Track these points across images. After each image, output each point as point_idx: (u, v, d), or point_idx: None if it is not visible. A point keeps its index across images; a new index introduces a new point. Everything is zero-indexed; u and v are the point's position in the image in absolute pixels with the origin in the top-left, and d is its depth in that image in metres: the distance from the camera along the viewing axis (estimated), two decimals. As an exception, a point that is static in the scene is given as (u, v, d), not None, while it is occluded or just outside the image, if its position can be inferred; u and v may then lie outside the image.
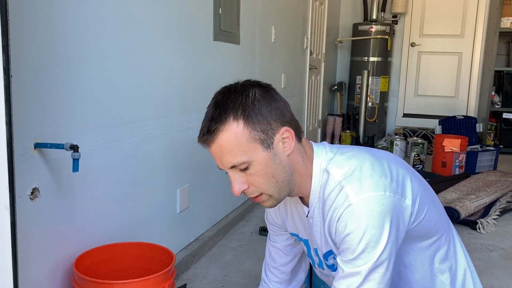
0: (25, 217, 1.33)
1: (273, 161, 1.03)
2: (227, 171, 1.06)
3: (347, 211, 0.99)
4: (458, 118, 4.91)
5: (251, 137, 1.00)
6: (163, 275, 1.45)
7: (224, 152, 1.02)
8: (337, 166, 1.06)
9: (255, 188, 1.06)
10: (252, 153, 1.01)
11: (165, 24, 2.02)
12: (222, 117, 1.01)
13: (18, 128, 1.21)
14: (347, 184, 1.01)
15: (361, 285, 1.00)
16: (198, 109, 2.37)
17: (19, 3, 1.25)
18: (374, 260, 0.99)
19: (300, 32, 4.23)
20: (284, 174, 1.05)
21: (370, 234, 0.98)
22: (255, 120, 1.01)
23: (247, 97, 1.02)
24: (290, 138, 1.05)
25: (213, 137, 1.02)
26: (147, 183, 1.98)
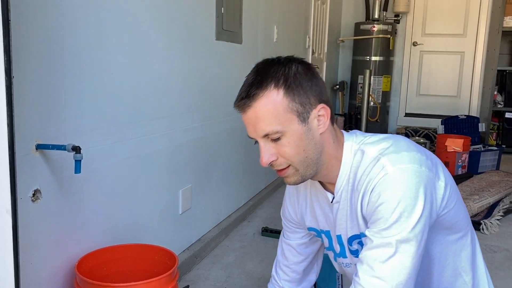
0: (27, 219, 1.31)
1: (306, 136, 1.03)
2: (257, 140, 1.05)
3: (382, 180, 0.98)
4: (461, 117, 4.89)
5: (289, 107, 1.00)
6: (166, 277, 1.44)
7: (260, 119, 1.01)
8: (372, 145, 1.06)
9: (284, 159, 1.04)
10: (287, 123, 1.01)
11: (167, 24, 2.01)
12: (263, 83, 1.00)
13: (19, 129, 1.19)
14: (383, 156, 1.01)
15: (392, 257, 0.96)
16: (200, 109, 2.36)
17: (21, 3, 1.24)
18: (408, 231, 0.96)
19: (302, 32, 4.22)
20: (314, 151, 1.04)
21: (405, 204, 0.96)
22: (295, 91, 1.00)
23: (290, 69, 1.02)
24: (326, 116, 1.04)
25: (251, 102, 1.01)
26: (149, 184, 1.97)
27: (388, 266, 0.97)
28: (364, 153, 1.05)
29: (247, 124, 1.05)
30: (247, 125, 1.05)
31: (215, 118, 2.53)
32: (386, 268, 0.97)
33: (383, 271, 0.97)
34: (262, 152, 1.04)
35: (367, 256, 0.99)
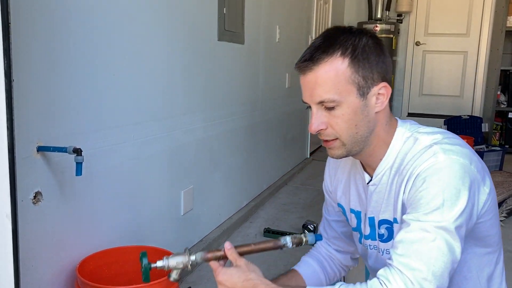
0: (28, 221, 1.31)
1: (362, 111, 1.00)
2: (311, 105, 1.02)
3: (430, 166, 0.95)
4: (464, 117, 4.87)
5: (350, 78, 0.98)
6: (167, 280, 1.43)
7: (319, 84, 0.98)
8: (427, 134, 1.03)
9: (333, 131, 1.01)
10: (345, 94, 0.98)
11: (169, 25, 2.00)
12: (330, 49, 0.98)
13: (20, 132, 1.19)
14: (436, 144, 0.98)
15: (431, 241, 0.92)
16: (202, 109, 2.35)
17: (21, 6, 1.24)
18: (450, 221, 0.92)
19: (304, 31, 4.21)
20: (366, 128, 1.02)
21: (450, 193, 0.93)
22: (361, 63, 0.98)
23: (360, 40, 0.99)
24: (385, 96, 1.02)
25: (313, 66, 0.98)
26: (151, 185, 1.96)
27: (426, 250, 0.92)
28: (417, 140, 1.02)
29: (304, 87, 1.02)
30: (304, 89, 1.02)
31: (217, 119, 2.52)
32: (425, 252, 0.92)
33: (421, 255, 0.92)
34: (312, 119, 1.01)
35: (404, 239, 0.95)
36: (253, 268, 1.02)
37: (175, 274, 1.04)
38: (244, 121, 2.94)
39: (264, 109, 3.31)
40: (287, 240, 1.07)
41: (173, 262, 1.02)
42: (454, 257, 0.94)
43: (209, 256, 1.04)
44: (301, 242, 1.07)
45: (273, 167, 3.63)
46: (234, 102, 2.78)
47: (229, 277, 1.00)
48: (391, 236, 1.09)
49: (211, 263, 1.04)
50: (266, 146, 3.43)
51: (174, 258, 1.03)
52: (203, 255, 1.03)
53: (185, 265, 1.03)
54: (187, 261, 1.02)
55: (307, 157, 4.69)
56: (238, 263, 1.02)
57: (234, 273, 1.00)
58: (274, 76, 3.50)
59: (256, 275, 1.01)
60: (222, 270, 1.01)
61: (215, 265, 1.03)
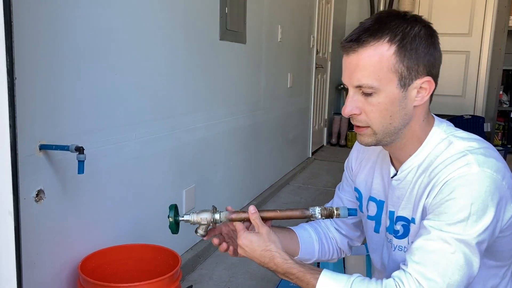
0: (30, 219, 1.32)
1: (399, 102, 0.97)
2: (348, 87, 0.99)
3: (462, 176, 0.92)
4: (466, 117, 4.87)
5: (394, 67, 0.94)
6: (169, 278, 1.44)
7: (360, 68, 0.95)
8: (462, 139, 1.00)
9: (366, 118, 0.98)
10: (385, 82, 0.95)
11: (171, 25, 2.01)
12: (378, 33, 0.94)
13: (23, 130, 1.20)
14: (471, 154, 0.95)
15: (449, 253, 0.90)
16: (204, 109, 2.36)
17: (23, 4, 1.24)
18: (472, 236, 0.90)
19: (306, 31, 4.21)
20: (401, 121, 0.99)
21: (477, 207, 0.90)
22: (407, 53, 0.94)
23: (412, 29, 0.95)
24: (427, 91, 0.99)
25: (358, 48, 0.94)
26: (153, 184, 1.97)
27: (444, 262, 0.91)
28: (451, 144, 0.99)
29: (345, 67, 0.98)
30: (345, 69, 0.99)
31: (218, 118, 2.52)
32: (441, 264, 0.91)
33: (437, 266, 0.91)
34: (347, 101, 0.99)
35: (422, 247, 0.93)
36: (274, 238, 1.02)
37: (201, 229, 1.07)
38: (245, 121, 2.94)
39: (266, 109, 3.31)
40: (315, 211, 1.05)
41: (197, 217, 1.06)
42: (471, 272, 0.92)
43: (233, 217, 1.06)
44: (331, 215, 1.05)
45: (275, 167, 3.63)
46: (236, 101, 2.78)
47: (249, 243, 1.01)
48: (406, 234, 1.07)
49: (236, 224, 1.05)
50: (268, 145, 3.43)
51: (199, 214, 1.06)
52: (227, 215, 1.06)
53: (209, 221, 1.06)
54: (210, 218, 1.05)
55: (309, 156, 4.69)
56: (260, 231, 1.02)
57: (255, 241, 1.01)
58: (276, 76, 3.51)
59: (275, 247, 1.01)
60: (243, 234, 1.02)
61: (240, 227, 1.04)
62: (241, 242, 1.02)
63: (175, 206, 1.07)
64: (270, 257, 1.00)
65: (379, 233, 1.17)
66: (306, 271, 0.98)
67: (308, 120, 4.61)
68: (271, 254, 1.00)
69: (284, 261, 1.00)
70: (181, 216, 1.06)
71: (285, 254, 1.01)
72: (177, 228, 1.06)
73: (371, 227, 1.19)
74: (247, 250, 1.02)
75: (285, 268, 0.99)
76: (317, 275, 0.97)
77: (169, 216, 1.05)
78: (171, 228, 1.05)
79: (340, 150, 5.19)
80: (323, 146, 5.37)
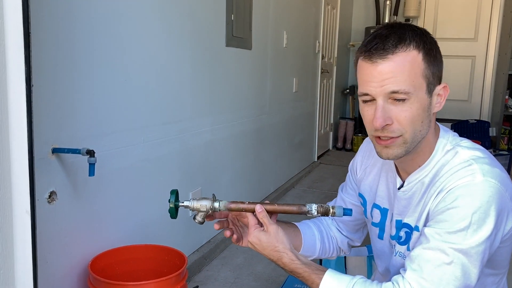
0: (43, 220, 1.37)
1: (428, 108, 0.97)
2: (376, 98, 0.95)
3: (466, 185, 0.93)
4: (471, 122, 4.88)
5: (424, 73, 0.94)
6: (175, 277, 1.49)
7: (395, 73, 0.93)
8: (467, 149, 1.00)
9: (400, 127, 0.96)
10: (418, 88, 0.94)
11: (178, 31, 2.06)
12: (404, 40, 0.93)
13: (36, 134, 1.25)
14: (476, 163, 0.95)
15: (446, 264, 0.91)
16: (210, 113, 2.41)
17: (41, 16, 1.30)
18: (471, 245, 0.91)
19: (312, 36, 4.25)
20: (427, 127, 0.99)
21: (478, 217, 0.90)
22: (431, 59, 0.96)
23: (426, 37, 0.96)
24: (443, 97, 1.00)
25: (388, 55, 0.93)
26: (160, 186, 2.01)
27: (439, 272, 0.92)
28: (457, 154, 1.00)
29: (372, 77, 0.95)
30: (372, 78, 0.95)
31: (224, 122, 2.57)
32: (437, 274, 0.92)
33: (432, 275, 0.92)
34: (378, 112, 0.95)
35: (421, 255, 0.94)
36: (281, 238, 1.05)
37: (199, 216, 1.09)
38: (251, 125, 2.99)
39: (272, 113, 3.36)
40: (312, 207, 1.06)
41: (197, 204, 1.08)
42: (469, 282, 0.93)
43: (232, 206, 1.09)
44: (327, 213, 1.06)
45: (280, 170, 3.67)
46: (242, 106, 2.83)
47: (258, 241, 1.04)
48: (407, 241, 1.09)
49: (250, 220, 1.07)
50: (273, 149, 3.47)
51: (199, 201, 1.08)
52: (226, 204, 1.09)
53: (208, 209, 1.08)
54: (210, 206, 1.07)
55: (315, 160, 4.73)
56: (268, 229, 1.05)
57: (264, 240, 1.04)
58: (282, 81, 3.55)
59: (283, 247, 1.04)
60: (254, 232, 1.05)
61: (252, 222, 1.07)
62: (251, 239, 1.06)
63: (176, 191, 1.09)
64: (278, 257, 1.04)
65: (382, 239, 1.20)
66: (312, 271, 1.02)
67: (314, 124, 4.65)
68: (278, 255, 1.04)
69: (291, 261, 1.03)
70: (181, 202, 1.08)
71: (292, 254, 1.04)
72: (176, 213, 1.08)
73: (375, 234, 1.22)
74: (256, 247, 1.06)
75: (292, 268, 1.03)
76: (322, 275, 1.01)
77: (170, 200, 1.07)
78: (171, 213, 1.07)
79: (345, 154, 5.23)
80: (328, 150, 5.40)
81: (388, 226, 1.17)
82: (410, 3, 5.47)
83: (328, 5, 4.68)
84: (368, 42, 0.97)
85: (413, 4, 5.47)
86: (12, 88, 0.87)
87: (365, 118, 1.01)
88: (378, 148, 1.01)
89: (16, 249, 0.90)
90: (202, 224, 1.12)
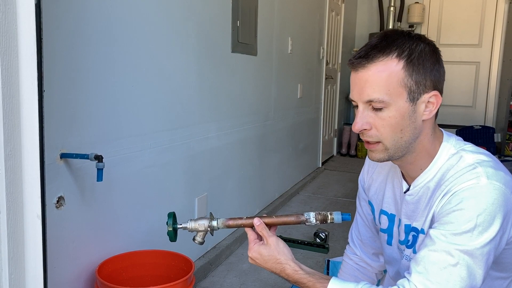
0: (51, 225, 1.37)
1: (409, 116, 0.99)
2: (358, 103, 1.00)
3: (471, 188, 0.94)
4: (476, 128, 4.87)
5: (403, 81, 0.97)
6: (183, 282, 1.49)
7: (370, 83, 0.97)
8: (472, 153, 1.02)
9: (377, 133, 1.00)
10: (395, 97, 0.97)
11: (185, 38, 2.07)
12: (387, 49, 0.97)
13: (45, 139, 1.26)
14: (481, 166, 0.97)
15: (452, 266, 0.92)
16: (216, 119, 2.42)
17: (52, 22, 1.31)
18: (477, 247, 0.92)
19: (316, 43, 4.27)
20: (411, 135, 1.00)
21: (483, 219, 0.92)
22: (415, 68, 0.97)
23: (417, 46, 0.98)
24: (435, 105, 1.02)
25: (367, 63, 0.97)
26: (167, 192, 2.02)
27: (445, 274, 0.92)
28: (461, 158, 1.01)
29: (353, 84, 1.00)
30: (353, 86, 1.00)
31: (230, 128, 2.58)
32: (443, 276, 0.92)
33: (438, 277, 0.93)
34: (357, 117, 1.00)
35: (426, 257, 0.95)
36: (282, 249, 1.05)
37: (199, 237, 1.10)
38: (256, 131, 3.00)
39: (277, 119, 3.36)
40: (310, 215, 1.06)
41: (195, 224, 1.08)
42: (475, 283, 0.93)
43: (230, 223, 1.08)
44: (326, 219, 1.06)
45: (285, 176, 3.67)
46: (247, 112, 2.84)
47: (259, 256, 1.05)
48: (414, 243, 1.09)
49: (249, 235, 1.08)
50: (278, 155, 3.48)
51: (197, 221, 1.08)
52: (225, 221, 1.08)
53: (206, 228, 1.08)
54: (208, 225, 1.07)
55: (319, 166, 4.72)
56: (268, 242, 1.05)
57: (265, 254, 1.04)
58: (286, 87, 3.56)
59: (285, 258, 1.04)
60: (254, 247, 1.06)
61: (251, 238, 1.07)
62: (251, 254, 1.06)
63: (173, 214, 1.10)
64: (281, 269, 1.04)
65: (391, 245, 1.20)
66: (316, 280, 1.01)
67: (318, 130, 4.65)
68: (281, 266, 1.04)
69: (294, 272, 1.03)
70: (179, 224, 1.09)
71: (294, 264, 1.04)
72: (175, 236, 1.09)
73: (384, 240, 1.22)
74: (257, 262, 1.06)
75: (296, 278, 1.03)
76: (326, 283, 1.00)
77: (167, 223, 1.08)
78: (170, 235, 1.08)
79: (350, 160, 5.22)
80: (333, 156, 5.40)
81: (396, 232, 1.17)
82: (414, 9, 5.49)
83: (332, 11, 4.70)
84: (359, 50, 1.01)
85: (417, 10, 5.49)
86: (25, 94, 0.88)
87: None
88: (367, 151, 1.07)
89: (27, 254, 0.91)
90: (202, 244, 1.13)
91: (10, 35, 0.83)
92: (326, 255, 2.60)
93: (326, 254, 2.61)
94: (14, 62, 0.85)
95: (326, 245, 2.67)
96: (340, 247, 2.70)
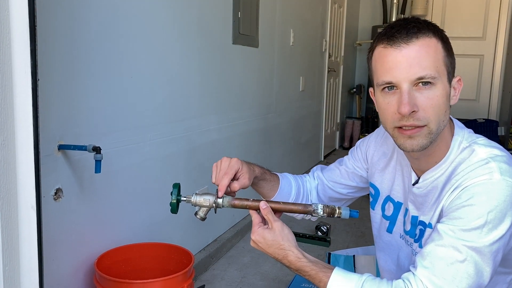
0: (49, 217, 1.36)
1: (448, 98, 0.95)
2: (400, 84, 0.93)
3: (483, 183, 0.91)
4: (479, 121, 4.83)
5: (444, 60, 0.94)
6: (182, 275, 1.47)
7: (419, 59, 0.91)
8: (484, 146, 0.98)
9: (425, 115, 0.93)
10: (441, 74, 0.93)
11: (185, 29, 2.05)
12: (425, 27, 0.93)
13: (43, 130, 1.24)
14: (494, 161, 0.93)
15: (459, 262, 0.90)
16: (217, 112, 2.40)
17: (45, 10, 1.29)
18: (485, 244, 0.89)
19: (318, 35, 4.23)
20: (447, 119, 0.97)
21: (494, 216, 0.89)
22: (449, 49, 0.95)
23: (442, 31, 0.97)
24: (458, 90, 1.00)
25: (414, 37, 0.91)
26: (167, 184, 2.00)
27: (452, 270, 0.90)
28: (474, 152, 0.98)
29: (395, 63, 0.93)
30: (396, 64, 0.93)
31: (231, 121, 2.56)
32: (450, 272, 0.90)
33: (445, 273, 0.90)
34: (405, 98, 0.92)
35: (433, 252, 0.93)
36: (287, 235, 1.02)
37: (201, 212, 1.05)
38: (258, 124, 2.98)
39: (278, 112, 3.34)
40: (318, 207, 1.04)
41: (200, 199, 1.04)
42: (481, 281, 0.91)
43: (236, 203, 1.05)
44: (334, 213, 1.03)
45: (286, 170, 3.63)
46: (248, 104, 2.81)
47: (262, 239, 1.02)
48: (420, 238, 1.08)
49: (253, 218, 1.05)
50: (280, 148, 3.46)
51: (202, 196, 1.04)
52: (230, 200, 1.05)
53: (210, 204, 1.03)
54: (213, 202, 1.03)
55: (321, 160, 4.70)
56: (273, 226, 1.02)
57: (269, 238, 1.02)
58: (288, 79, 3.54)
59: (289, 244, 1.01)
60: (257, 230, 1.03)
61: (256, 221, 1.05)
62: (255, 238, 1.03)
63: (178, 185, 1.06)
64: (284, 255, 1.01)
65: (391, 233, 1.19)
66: (319, 269, 1.00)
67: (320, 124, 4.63)
68: (284, 253, 1.01)
69: (297, 259, 1.01)
70: (183, 196, 1.04)
71: (298, 251, 1.02)
72: (177, 208, 1.04)
73: (384, 227, 1.20)
74: (260, 245, 1.03)
75: (298, 266, 1.01)
76: (329, 273, 0.99)
77: (172, 194, 1.03)
78: (172, 207, 1.04)
79: (352, 154, 5.20)
80: (335, 150, 5.38)
81: (400, 221, 1.15)
82: (417, 1, 5.44)
83: (335, 3, 4.66)
84: (389, 29, 0.95)
85: (420, 2, 5.44)
86: (18, 82, 0.86)
87: (386, 110, 0.97)
88: (401, 140, 0.98)
89: (21, 245, 0.89)
90: (203, 220, 1.08)
91: (2, 21, 0.81)
92: (328, 248, 2.59)
93: (328, 248, 2.60)
94: (7, 49, 0.83)
95: (328, 238, 2.66)
96: (341, 241, 2.69)
